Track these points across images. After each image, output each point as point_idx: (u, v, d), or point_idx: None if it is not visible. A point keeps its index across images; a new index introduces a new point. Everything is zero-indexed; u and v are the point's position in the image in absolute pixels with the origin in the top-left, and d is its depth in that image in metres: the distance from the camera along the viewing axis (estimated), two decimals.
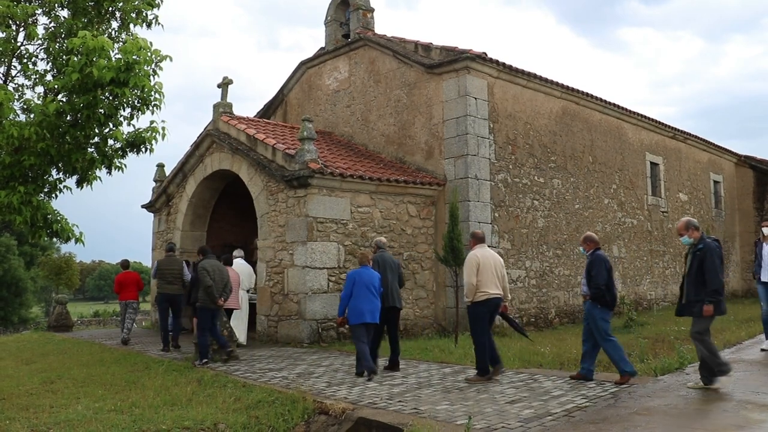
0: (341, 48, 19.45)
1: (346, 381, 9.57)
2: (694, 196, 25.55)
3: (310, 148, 14.02)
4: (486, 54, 16.05)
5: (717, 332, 14.19)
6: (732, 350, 11.66)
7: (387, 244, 11.87)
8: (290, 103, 21.27)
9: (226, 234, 18.82)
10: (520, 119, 17.32)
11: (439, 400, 8.00)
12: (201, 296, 11.56)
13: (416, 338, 14.52)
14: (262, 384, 9.40)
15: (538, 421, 6.76)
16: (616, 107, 20.96)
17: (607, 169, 20.55)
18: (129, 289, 15.42)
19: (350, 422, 7.53)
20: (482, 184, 15.84)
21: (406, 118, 17.22)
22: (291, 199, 14.15)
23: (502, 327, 14.22)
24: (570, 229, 18.53)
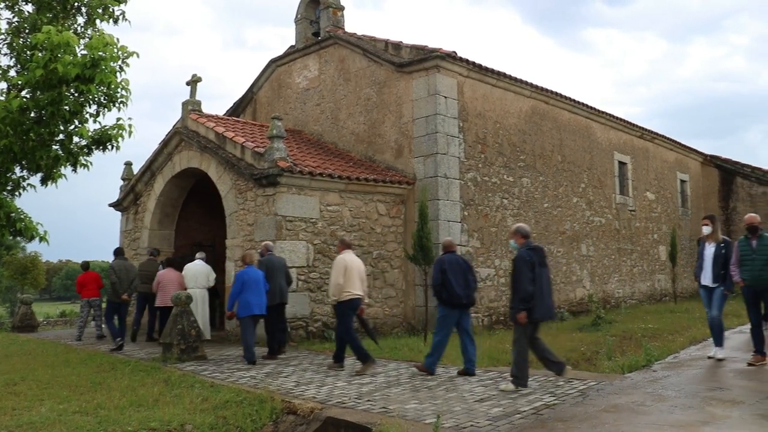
0: (311, 46, 19.38)
1: (314, 380, 9.52)
2: (661, 195, 25.85)
3: (280, 147, 13.95)
4: (456, 53, 16.09)
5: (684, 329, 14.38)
6: (698, 347, 11.80)
7: (274, 246, 13.02)
8: (260, 101, 21.16)
9: (194, 233, 18.66)
10: (489, 118, 17.38)
11: (407, 399, 7.98)
12: (108, 291, 13.64)
13: (386, 337, 14.50)
14: (230, 384, 9.31)
15: (507, 419, 6.76)
16: (585, 107, 21.13)
17: (576, 168, 20.71)
18: (90, 288, 16.10)
19: (318, 422, 7.48)
20: (452, 182, 15.87)
21: (376, 116, 17.21)
22: (260, 197, 14.07)
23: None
24: (539, 227, 18.64)
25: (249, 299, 11.43)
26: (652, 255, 24.65)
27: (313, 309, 14.14)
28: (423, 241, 13.19)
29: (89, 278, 16.19)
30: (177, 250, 17.75)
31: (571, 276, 19.94)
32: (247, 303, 11.44)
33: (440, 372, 9.92)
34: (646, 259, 23.91)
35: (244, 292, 11.44)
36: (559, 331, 15.39)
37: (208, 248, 17.03)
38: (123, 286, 14.03)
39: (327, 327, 14.27)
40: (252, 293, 11.44)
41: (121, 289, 14.04)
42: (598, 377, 9.00)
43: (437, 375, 9.66)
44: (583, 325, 16.11)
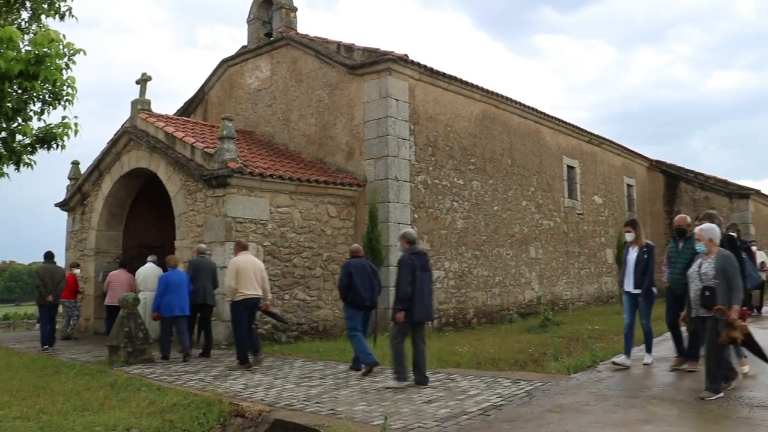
0: (263, 47, 19.29)
1: (263, 383, 9.49)
2: (609, 199, 26.32)
3: (230, 147, 13.86)
4: (407, 56, 16.17)
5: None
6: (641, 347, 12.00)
7: (207, 249, 13.33)
8: (211, 101, 20.98)
9: (143, 234, 18.42)
10: (440, 121, 17.51)
11: (356, 401, 7.99)
12: (36, 294, 14.16)
13: (335, 339, 14.52)
14: (178, 387, 9.24)
15: (454, 420, 6.82)
16: (535, 111, 21.41)
17: (526, 172, 20.97)
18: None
19: (267, 424, 7.46)
20: (402, 185, 15.95)
21: (328, 118, 17.20)
22: (209, 198, 13.95)
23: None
24: (489, 230, 18.83)
25: (171, 301, 12.02)
26: (600, 258, 25.08)
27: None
28: (373, 243, 13.26)
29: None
30: (125, 252, 17.50)
31: (520, 278, 20.18)
32: (169, 305, 12.02)
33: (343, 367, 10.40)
34: (593, 261, 24.32)
35: (167, 294, 12.02)
36: (508, 333, 15.58)
37: (156, 249, 16.83)
38: (48, 288, 14.11)
39: (277, 329, 14.22)
40: (174, 295, 12.01)
41: (45, 292, 14.10)
42: (545, 378, 9.12)
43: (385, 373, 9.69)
44: (531, 326, 16.33)
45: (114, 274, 15.00)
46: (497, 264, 19.12)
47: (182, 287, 12.15)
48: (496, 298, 18.93)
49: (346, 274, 10.41)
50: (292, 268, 14.62)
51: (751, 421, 6.35)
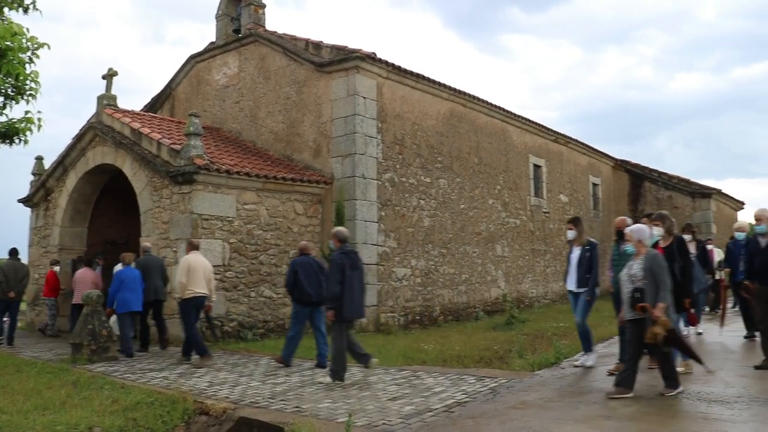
0: (232, 43, 19.21)
1: (228, 380, 9.47)
2: (574, 198, 26.60)
3: (197, 144, 13.80)
4: (375, 54, 16.21)
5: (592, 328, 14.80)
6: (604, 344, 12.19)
7: (151, 246, 13.56)
8: (178, 97, 20.85)
9: (108, 230, 18.26)
10: (408, 119, 17.58)
11: (321, 398, 8.02)
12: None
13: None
14: (142, 385, 9.17)
15: (419, 417, 6.86)
16: (502, 110, 21.57)
17: (492, 170, 21.13)
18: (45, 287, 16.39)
19: (231, 422, 7.47)
20: (369, 183, 16.00)
21: (295, 115, 17.19)
22: (176, 195, 13.88)
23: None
24: (455, 228, 18.95)
25: (126, 297, 12.22)
26: (565, 256, 25.27)
27: (229, 308, 14.03)
28: None
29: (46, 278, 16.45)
30: (89, 248, 17.33)
31: (486, 276, 20.34)
32: (124, 300, 12.22)
33: (297, 363, 10.74)
34: (559, 259, 24.55)
35: (122, 290, 12.21)
36: (474, 330, 15.71)
37: (122, 246, 16.69)
38: (10, 284, 14.16)
39: (243, 327, 14.19)
40: (129, 291, 12.24)
41: (7, 288, 14.15)
42: (509, 375, 9.23)
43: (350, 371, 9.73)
44: (497, 324, 16.47)
45: (80, 273, 14.94)
46: (464, 262, 19.25)
47: (135, 283, 12.39)
48: (463, 296, 19.06)
49: (291, 271, 10.73)
50: (259, 266, 14.59)
51: (708, 416, 6.49)
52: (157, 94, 21.52)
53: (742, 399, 7.14)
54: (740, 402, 7.01)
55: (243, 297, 14.28)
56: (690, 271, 8.33)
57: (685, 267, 8.34)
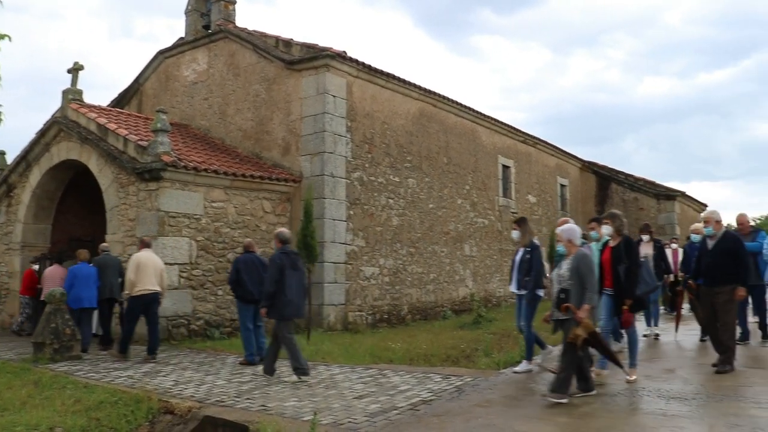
0: (201, 39, 19.06)
1: (194, 379, 9.41)
2: (542, 198, 26.81)
3: (164, 141, 13.68)
4: (346, 53, 16.20)
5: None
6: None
7: (108, 246, 13.69)
8: (146, 93, 20.64)
9: (72, 227, 18.00)
10: (377, 119, 17.59)
11: (287, 397, 8.00)
12: None
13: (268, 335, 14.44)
14: (105, 384, 9.07)
15: (384, 415, 6.88)
16: (471, 111, 21.66)
17: (461, 170, 21.22)
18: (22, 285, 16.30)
19: (196, 421, 7.42)
20: (338, 181, 15.98)
21: (265, 113, 17.11)
22: (142, 192, 13.75)
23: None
24: (424, 227, 19.00)
25: (80, 293, 12.36)
26: None
27: (195, 307, 13.94)
28: (307, 240, 13.21)
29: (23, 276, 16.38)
30: (54, 246, 17.09)
31: (455, 275, 20.42)
32: (78, 297, 12.33)
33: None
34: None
35: (75, 286, 12.34)
36: (441, 329, 15.76)
37: (87, 243, 16.47)
38: None
39: (209, 325, 14.10)
40: (83, 288, 12.37)
41: None
42: (475, 373, 9.27)
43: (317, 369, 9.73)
44: (464, 323, 16.54)
45: (49, 270, 14.62)
46: (432, 261, 19.31)
47: (89, 280, 12.51)
48: (431, 295, 19.12)
49: (234, 269, 10.91)
50: (226, 264, 14.49)
51: (667, 412, 6.60)
52: (124, 89, 21.26)
53: (700, 396, 7.27)
54: (698, 398, 7.14)
55: (210, 295, 14.19)
56: (635, 272, 8.22)
57: (630, 268, 8.21)
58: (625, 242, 8.38)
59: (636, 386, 7.90)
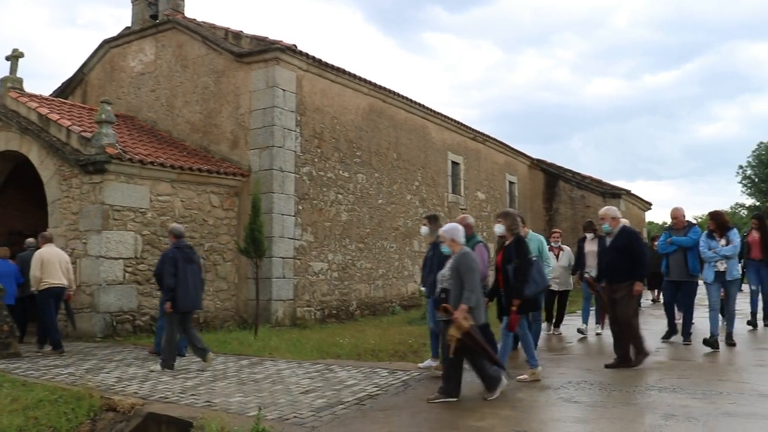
0: (148, 29, 18.70)
1: (138, 376, 9.25)
2: (491, 195, 27.04)
3: (108, 132, 13.41)
4: (296, 46, 16.09)
5: None
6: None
7: (33, 242, 13.18)
8: (91, 83, 20.18)
9: (13, 221, 17.51)
10: (327, 113, 17.51)
11: (233, 393, 7.92)
12: None
13: (216, 331, 14.33)
14: (45, 382, 8.83)
15: (330, 410, 6.85)
16: (421, 107, 21.73)
17: (411, 166, 21.27)
18: None
19: (139, 418, 7.28)
20: (287, 176, 15.88)
21: (213, 106, 16.90)
22: (86, 185, 13.46)
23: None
24: (373, 223, 19.01)
25: None
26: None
27: (141, 302, 13.73)
28: (255, 234, 13.09)
29: None
30: None
31: (403, 271, 20.47)
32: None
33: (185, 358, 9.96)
34: None
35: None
36: (389, 325, 15.79)
37: (28, 237, 16.05)
38: None
39: (156, 320, 13.87)
40: (3, 284, 11.99)
41: None
42: (422, 368, 9.30)
43: (264, 365, 9.65)
44: (412, 318, 16.59)
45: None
46: (381, 257, 19.33)
47: (10, 277, 12.38)
48: (380, 291, 19.14)
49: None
50: None
51: (608, 404, 6.76)
52: (68, 79, 20.73)
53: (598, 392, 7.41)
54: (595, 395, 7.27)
55: (156, 290, 13.93)
56: (523, 271, 7.96)
57: (519, 268, 7.97)
58: (515, 241, 8.18)
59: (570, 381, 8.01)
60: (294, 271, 15.91)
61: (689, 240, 10.75)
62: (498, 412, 6.64)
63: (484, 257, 8.82)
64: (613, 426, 5.98)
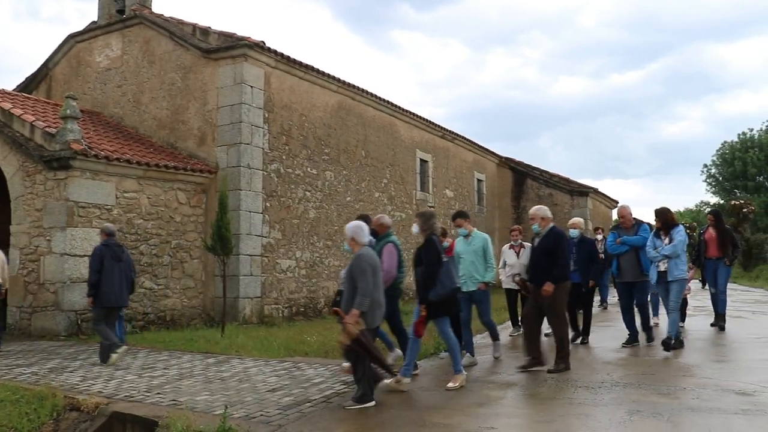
0: (115, 24, 18.48)
1: (102, 374, 9.15)
2: (459, 193, 27.17)
3: (73, 128, 13.25)
4: (264, 43, 16.02)
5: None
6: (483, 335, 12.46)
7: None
8: (56, 78, 19.92)
9: None
10: (295, 110, 17.47)
11: (199, 391, 7.88)
12: None
13: (183, 329, 14.24)
14: (7, 382, 8.68)
15: (297, 408, 6.85)
16: (390, 105, 21.76)
17: (379, 164, 21.30)
18: None
19: (104, 417, 7.21)
20: (254, 173, 15.82)
21: (180, 102, 16.77)
22: (50, 181, 13.29)
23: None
24: (341, 220, 18.98)
25: None
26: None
27: None
28: (222, 232, 13.00)
29: None
30: None
31: None
32: None
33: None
34: None
35: None
36: None
37: None
38: None
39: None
40: None
41: None
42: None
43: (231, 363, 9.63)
44: None
45: None
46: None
47: None
48: None
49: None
50: (139, 256, 14.17)
51: (574, 400, 6.85)
52: (32, 73, 20.44)
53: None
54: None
55: None
56: (429, 274, 7.75)
57: (426, 270, 7.78)
58: (424, 243, 7.97)
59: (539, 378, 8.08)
60: (261, 269, 15.87)
61: (640, 239, 10.38)
62: (464, 409, 6.70)
63: (393, 258, 8.68)
64: (580, 422, 6.05)
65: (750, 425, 5.84)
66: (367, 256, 7.07)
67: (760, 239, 34.99)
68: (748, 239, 34.48)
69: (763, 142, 54.67)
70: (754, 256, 33.67)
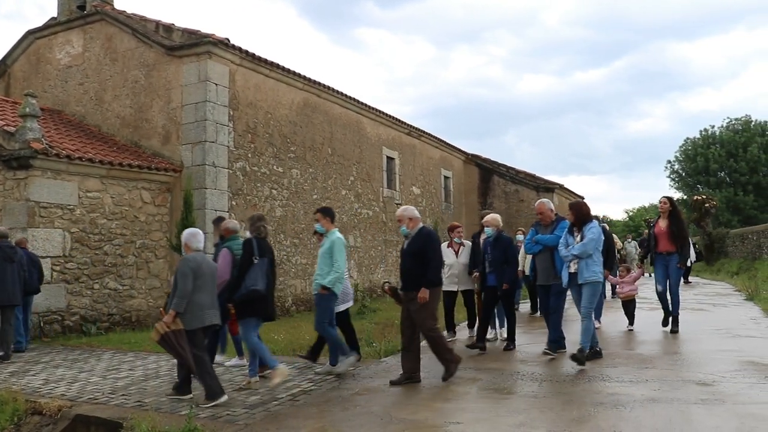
0: (75, 20, 18.19)
1: (66, 377, 9.04)
2: (426, 190, 27.23)
3: (33, 126, 13.03)
4: (229, 40, 15.89)
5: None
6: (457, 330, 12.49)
7: None
8: (14, 75, 19.55)
9: None
10: (261, 108, 17.36)
11: (165, 392, 7.81)
12: None
13: (149, 329, 14.06)
14: None
15: (264, 406, 6.86)
16: (356, 102, 21.73)
17: (346, 162, 21.26)
18: None
19: (67, 420, 7.12)
20: (220, 171, 15.69)
21: (144, 100, 16.57)
22: (9, 181, 13.06)
23: None
24: (308, 218, 18.90)
25: None
26: None
27: (70, 302, 13.40)
28: None
29: None
30: None
31: None
32: None
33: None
34: None
35: None
36: None
37: None
38: None
39: (86, 320, 13.59)
40: None
41: None
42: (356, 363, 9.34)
43: None
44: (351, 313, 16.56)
45: None
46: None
47: None
48: None
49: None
50: (103, 256, 14.01)
51: (538, 394, 6.96)
52: None
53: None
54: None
55: (86, 289, 13.67)
56: (239, 275, 7.89)
57: (236, 271, 8.13)
58: (243, 243, 8.22)
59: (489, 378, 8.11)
60: None
61: (554, 238, 9.22)
62: (431, 404, 6.74)
63: (227, 261, 8.88)
64: (544, 415, 6.10)
65: (709, 413, 5.95)
66: (191, 260, 7.21)
67: (721, 234, 35.53)
68: (710, 233, 35.02)
69: (724, 138, 55.66)
70: (716, 250, 34.20)
